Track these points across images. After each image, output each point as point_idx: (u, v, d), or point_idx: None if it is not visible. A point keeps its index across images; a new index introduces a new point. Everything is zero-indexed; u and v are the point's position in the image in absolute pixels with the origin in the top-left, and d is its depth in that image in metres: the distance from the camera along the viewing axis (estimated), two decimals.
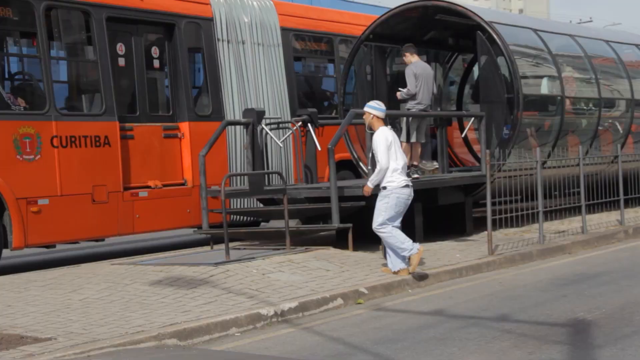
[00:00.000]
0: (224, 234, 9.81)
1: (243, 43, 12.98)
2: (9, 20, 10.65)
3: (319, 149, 12.76)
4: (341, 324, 7.45)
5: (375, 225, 9.29)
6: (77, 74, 11.83)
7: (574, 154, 13.36)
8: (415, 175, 11.85)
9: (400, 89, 12.09)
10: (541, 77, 14.38)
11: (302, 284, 8.60)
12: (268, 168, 12.56)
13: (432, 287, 9.17)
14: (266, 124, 12.38)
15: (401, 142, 12.07)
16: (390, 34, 14.34)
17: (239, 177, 12.41)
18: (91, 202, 10.87)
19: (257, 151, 11.89)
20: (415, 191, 11.65)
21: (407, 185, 9.34)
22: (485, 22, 12.83)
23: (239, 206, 12.54)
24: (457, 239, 11.98)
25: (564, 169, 13.18)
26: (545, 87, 14.30)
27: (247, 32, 13.05)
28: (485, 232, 10.80)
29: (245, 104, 12.85)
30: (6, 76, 11.27)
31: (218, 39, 12.65)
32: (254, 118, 11.86)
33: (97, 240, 11.84)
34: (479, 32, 12.77)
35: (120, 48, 11.70)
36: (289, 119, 13.04)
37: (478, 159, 15.12)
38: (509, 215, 11.32)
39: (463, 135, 15.13)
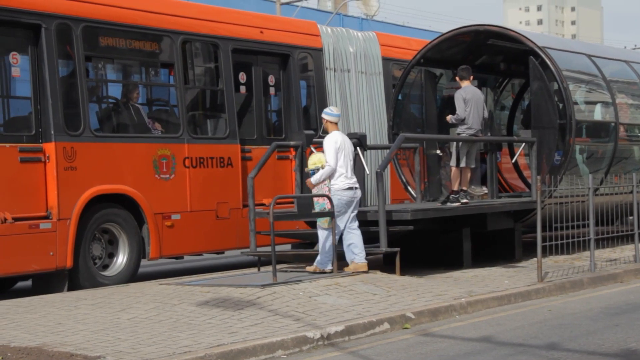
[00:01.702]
0: (272, 256, 9.87)
1: (348, 71, 14.01)
2: (152, 53, 12.02)
3: (368, 172, 12.81)
4: (387, 348, 7.43)
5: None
6: (205, 100, 12.83)
7: (628, 181, 13.16)
8: (465, 200, 11.81)
9: (447, 117, 12.09)
10: (594, 103, 14.24)
11: (348, 307, 8.59)
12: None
13: (479, 313, 9.09)
14: (315, 147, 12.48)
15: (451, 166, 12.11)
16: (441, 58, 14.35)
17: None
18: (215, 218, 11.87)
19: (305, 174, 11.94)
20: (464, 216, 11.74)
21: (350, 188, 10.09)
22: (538, 47, 12.76)
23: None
24: (506, 265, 11.88)
25: (617, 196, 12.99)
26: (598, 114, 14.15)
27: (352, 62, 14.09)
28: (535, 259, 10.69)
29: (348, 127, 13.79)
30: (147, 103, 12.30)
31: (326, 68, 13.71)
32: (303, 141, 11.96)
33: (217, 253, 12.83)
34: (531, 57, 12.71)
35: (242, 77, 12.73)
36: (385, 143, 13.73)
37: (528, 185, 15.00)
38: (559, 242, 11.18)
39: (513, 160, 15.03)
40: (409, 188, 13.87)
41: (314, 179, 10.17)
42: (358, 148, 12.53)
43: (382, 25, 40.53)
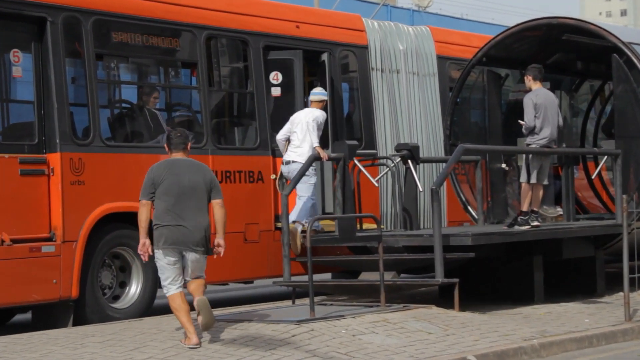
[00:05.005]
0: (309, 287, 9.80)
1: (397, 72, 14.02)
2: (172, 51, 12.16)
3: (421, 190, 12.76)
4: None
5: None
6: (232, 105, 12.89)
7: None
8: (535, 223, 11.69)
9: (520, 121, 11.98)
10: None
11: (398, 348, 8.55)
12: (360, 211, 12.63)
13: (555, 357, 9.00)
14: (359, 160, 12.47)
15: (520, 182, 11.97)
16: (506, 57, 14.30)
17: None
18: (243, 241, 11.77)
19: (348, 191, 11.89)
20: (535, 242, 11.65)
21: None
22: (623, 43, 12.65)
23: None
24: (586, 301, 11.75)
25: None
26: None
27: (401, 61, 14.10)
28: (621, 293, 10.60)
29: (398, 137, 13.78)
30: (165, 107, 12.38)
31: (372, 68, 13.73)
32: (345, 153, 11.90)
33: (245, 282, 12.79)
34: (614, 55, 12.60)
35: (276, 77, 12.65)
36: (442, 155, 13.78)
37: (607, 206, 14.80)
38: None
39: (594, 176, 14.90)
40: (469, 208, 13.80)
41: None
42: (409, 161, 12.50)
43: (437, 18, 40.52)
